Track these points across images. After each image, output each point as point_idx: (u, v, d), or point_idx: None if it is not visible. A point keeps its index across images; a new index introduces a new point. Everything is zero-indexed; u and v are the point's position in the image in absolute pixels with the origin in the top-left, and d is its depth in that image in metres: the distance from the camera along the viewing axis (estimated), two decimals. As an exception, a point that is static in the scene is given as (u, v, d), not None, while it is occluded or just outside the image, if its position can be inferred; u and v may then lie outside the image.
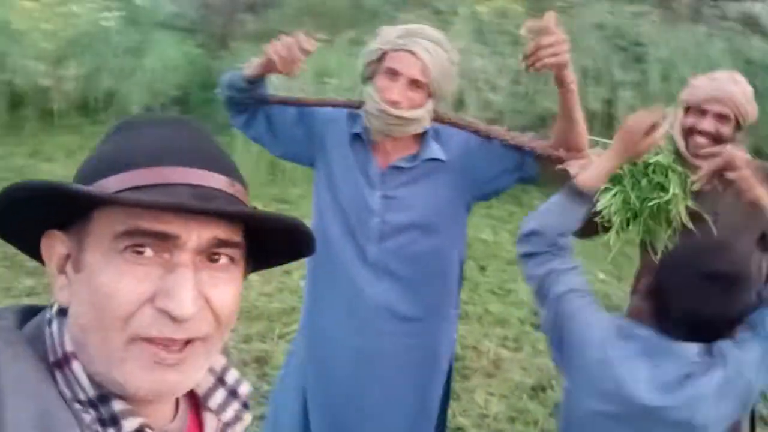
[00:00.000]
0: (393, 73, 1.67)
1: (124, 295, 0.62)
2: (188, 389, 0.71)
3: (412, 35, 1.67)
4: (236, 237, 0.68)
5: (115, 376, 0.64)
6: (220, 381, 0.78)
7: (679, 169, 1.94)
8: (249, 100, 1.81)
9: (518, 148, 1.74)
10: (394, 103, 1.66)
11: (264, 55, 1.67)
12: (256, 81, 1.76)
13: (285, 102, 1.87)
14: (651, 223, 1.95)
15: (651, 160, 1.92)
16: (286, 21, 7.20)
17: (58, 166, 5.75)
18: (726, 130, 1.95)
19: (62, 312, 0.68)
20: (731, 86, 1.96)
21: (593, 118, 5.56)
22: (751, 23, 6.42)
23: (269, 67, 1.68)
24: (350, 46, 6.06)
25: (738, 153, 1.71)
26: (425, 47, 1.65)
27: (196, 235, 0.64)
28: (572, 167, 1.64)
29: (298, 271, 3.98)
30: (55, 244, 0.69)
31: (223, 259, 0.68)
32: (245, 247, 0.71)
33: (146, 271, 0.63)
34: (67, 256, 0.68)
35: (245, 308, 3.64)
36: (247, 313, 3.64)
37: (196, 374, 0.68)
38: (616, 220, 1.94)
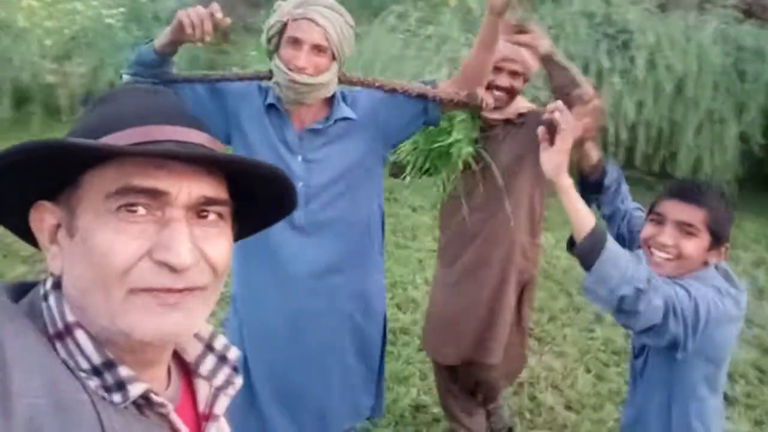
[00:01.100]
0: (296, 42, 1.73)
1: (121, 251, 0.64)
2: (191, 332, 0.73)
3: (309, 4, 1.74)
4: (223, 194, 0.71)
5: (121, 327, 0.65)
6: (209, 347, 0.80)
7: (463, 117, 2.18)
8: (155, 78, 1.78)
9: (421, 97, 1.86)
10: (301, 70, 1.73)
11: (175, 20, 1.66)
12: (165, 56, 1.74)
13: (192, 80, 1.87)
14: (438, 164, 2.25)
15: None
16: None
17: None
18: (518, 84, 2.23)
19: (57, 286, 0.69)
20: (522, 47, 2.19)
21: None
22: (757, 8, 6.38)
23: (178, 34, 1.66)
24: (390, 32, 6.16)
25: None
26: (322, 13, 1.72)
27: (186, 191, 0.67)
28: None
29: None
30: (44, 215, 0.70)
31: (212, 216, 0.70)
32: (231, 207, 0.74)
33: (141, 227, 0.65)
34: (58, 226, 0.69)
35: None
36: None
37: (196, 318, 0.70)
38: (411, 161, 2.25)
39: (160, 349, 0.72)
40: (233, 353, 0.80)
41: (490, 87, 2.19)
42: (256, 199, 0.77)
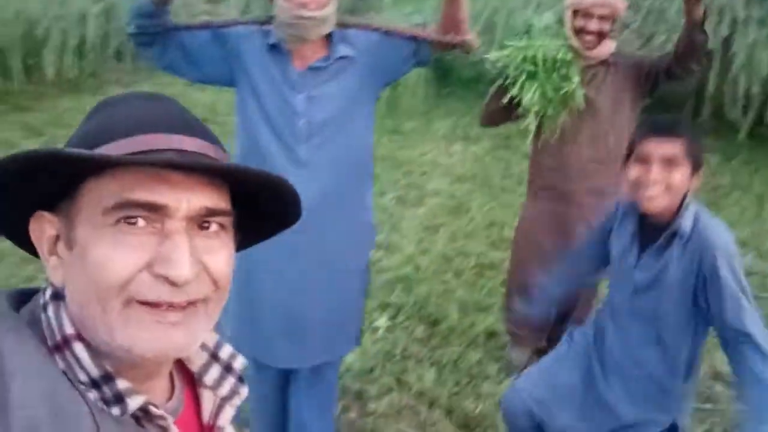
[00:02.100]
0: None
1: (119, 264, 0.63)
2: (192, 348, 0.71)
3: None
4: (224, 204, 0.69)
5: (120, 343, 0.64)
6: (214, 357, 0.79)
7: (577, 61, 2.41)
8: (158, 28, 1.86)
9: (413, 38, 2.00)
10: (305, 5, 1.81)
11: None
12: (163, 3, 1.83)
13: (194, 27, 1.95)
14: (560, 108, 2.46)
15: (559, 56, 2.37)
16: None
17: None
18: (607, 27, 2.44)
19: (56, 296, 0.68)
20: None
21: (710, 58, 5.39)
22: None
23: None
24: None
25: None
26: None
27: (185, 203, 0.65)
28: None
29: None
30: (44, 226, 0.69)
31: (214, 227, 0.68)
32: (234, 217, 0.72)
33: (140, 240, 0.64)
34: (57, 237, 0.68)
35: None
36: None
37: (199, 334, 0.69)
38: (535, 109, 2.46)
39: (160, 363, 0.71)
40: (239, 363, 0.80)
41: (581, 31, 2.44)
42: (260, 207, 0.75)
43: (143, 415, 0.67)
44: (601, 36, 2.48)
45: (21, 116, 6.39)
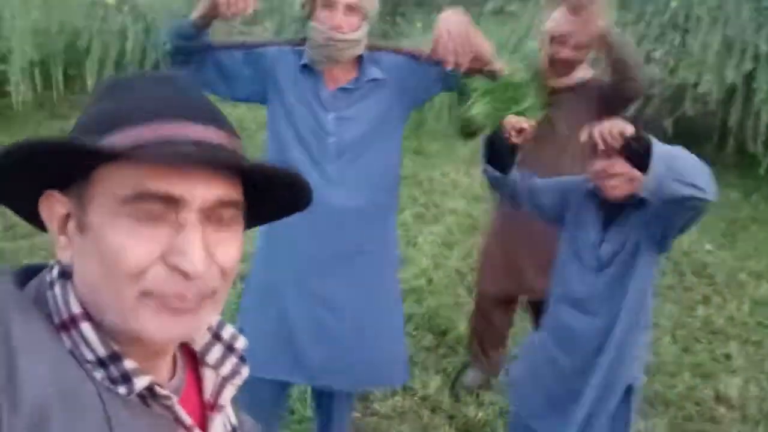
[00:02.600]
0: (330, 5, 1.90)
1: (134, 254, 0.63)
2: (199, 334, 0.75)
3: None
4: (237, 195, 0.70)
5: (131, 326, 0.65)
6: (216, 337, 0.80)
7: (536, 85, 2.32)
8: (196, 48, 1.91)
9: (440, 63, 2.01)
10: (338, 28, 1.89)
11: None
12: (203, 27, 1.88)
13: (230, 46, 2.01)
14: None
15: (513, 78, 2.27)
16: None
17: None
18: (580, 55, 2.44)
19: (63, 275, 0.69)
20: (585, 19, 2.30)
21: (733, 93, 5.44)
22: None
23: (214, 11, 1.81)
24: (494, 15, 6.39)
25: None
26: None
27: (201, 195, 0.65)
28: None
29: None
30: (55, 206, 0.69)
31: (225, 217, 0.69)
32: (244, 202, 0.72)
33: (155, 231, 0.64)
34: (67, 216, 0.68)
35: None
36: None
37: (207, 320, 0.71)
38: (485, 125, 2.35)
39: (167, 345, 0.73)
40: (240, 343, 0.80)
41: (553, 59, 2.45)
42: (270, 194, 0.75)
43: (148, 394, 0.68)
44: (573, 64, 2.48)
45: (59, 123, 6.65)
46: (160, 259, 0.64)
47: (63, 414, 0.59)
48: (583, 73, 2.54)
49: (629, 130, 1.71)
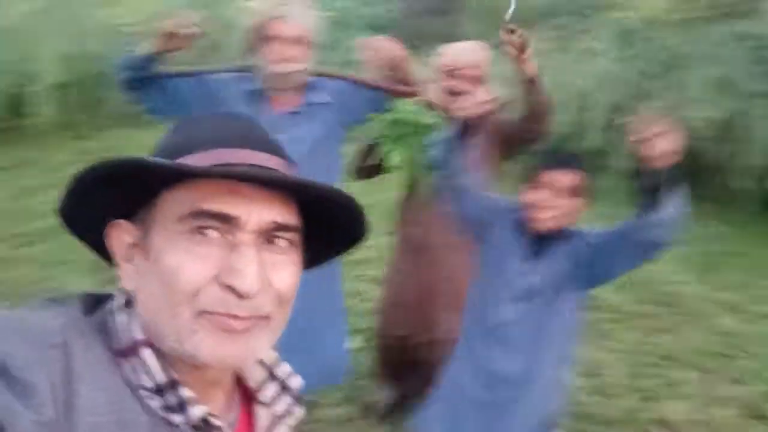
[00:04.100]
0: (277, 38, 2.08)
1: (190, 273, 0.65)
2: (252, 361, 0.74)
3: (283, 4, 2.09)
4: (293, 220, 0.71)
5: (186, 348, 0.66)
6: (272, 374, 0.80)
7: (425, 121, 2.42)
8: (145, 77, 2.08)
9: (375, 88, 2.26)
10: (286, 61, 2.09)
11: (158, 36, 2.02)
12: (153, 60, 2.07)
13: (178, 75, 2.18)
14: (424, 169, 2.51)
15: (425, 121, 2.41)
16: (470, 22, 7.94)
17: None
18: (477, 86, 2.45)
19: (128, 303, 0.70)
20: (478, 53, 2.50)
21: (725, 129, 5.53)
22: None
23: (161, 45, 2.03)
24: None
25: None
26: (296, 12, 2.10)
27: (256, 216, 0.67)
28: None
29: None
30: (121, 234, 0.71)
31: (282, 242, 0.70)
32: (302, 233, 0.73)
33: (210, 250, 0.66)
34: (133, 245, 0.71)
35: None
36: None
37: (260, 347, 0.71)
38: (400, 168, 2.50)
39: (222, 371, 0.73)
40: (295, 382, 0.81)
41: (451, 92, 2.48)
42: (328, 226, 0.76)
43: (203, 425, 0.69)
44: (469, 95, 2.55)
45: (79, 143, 7.05)
46: (215, 278, 0.66)
47: None
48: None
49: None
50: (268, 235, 0.69)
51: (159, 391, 0.67)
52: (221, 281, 0.66)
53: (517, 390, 2.00)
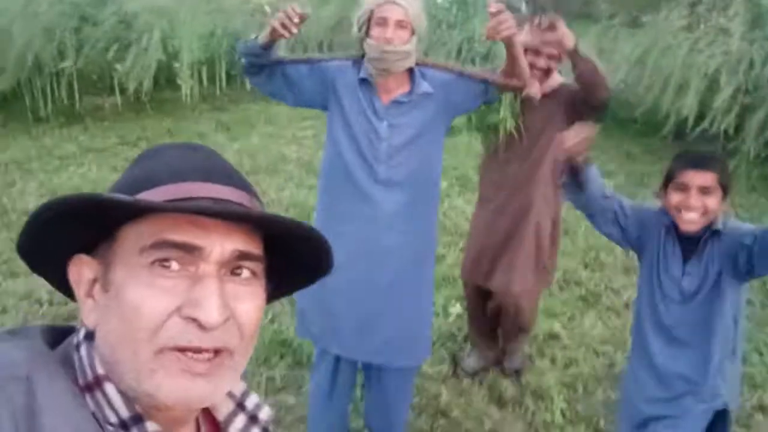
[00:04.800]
0: (383, 22, 2.15)
1: (151, 307, 0.64)
2: (216, 399, 0.72)
3: None
4: (256, 250, 0.70)
5: (146, 388, 0.65)
6: (240, 406, 0.79)
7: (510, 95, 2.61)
8: (266, 62, 2.19)
9: (483, 80, 2.29)
10: (390, 41, 2.13)
11: (269, 25, 2.09)
12: (268, 47, 2.16)
13: (297, 61, 2.29)
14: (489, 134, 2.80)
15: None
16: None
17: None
18: (553, 64, 2.68)
19: (89, 337, 0.69)
20: (559, 31, 2.53)
21: None
22: None
23: (273, 34, 2.10)
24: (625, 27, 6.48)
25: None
26: None
27: (219, 246, 0.66)
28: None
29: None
30: (83, 269, 0.70)
31: (246, 273, 0.69)
32: (266, 264, 0.73)
33: (173, 283, 0.65)
34: (94, 281, 0.70)
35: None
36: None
37: (224, 386, 0.69)
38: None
39: (187, 411, 0.72)
40: (264, 413, 0.80)
41: (530, 67, 2.60)
42: (292, 257, 0.76)
43: None
44: (548, 72, 2.72)
45: (217, 115, 7.62)
46: (177, 311, 0.65)
47: None
48: (554, 80, 2.78)
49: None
50: (232, 265, 0.68)
51: (124, 426, 0.66)
52: (184, 314, 0.65)
53: (690, 386, 2.08)
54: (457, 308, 3.78)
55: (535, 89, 2.67)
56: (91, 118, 7.26)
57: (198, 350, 0.65)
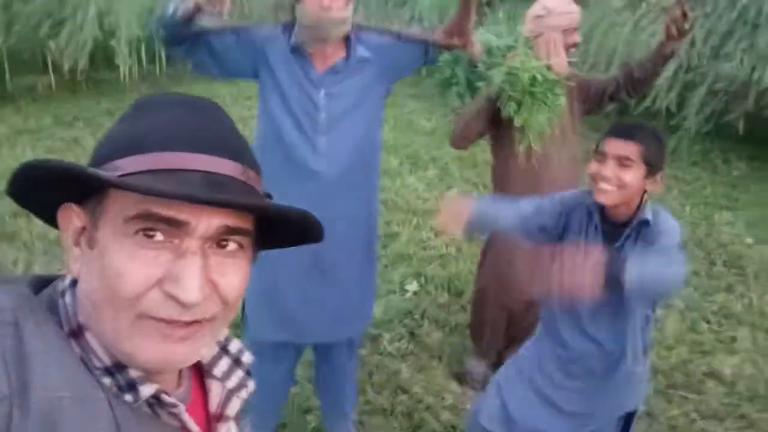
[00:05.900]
0: None
1: (133, 277, 0.63)
2: (194, 361, 0.72)
3: None
4: (246, 224, 0.69)
5: (124, 349, 0.65)
6: (224, 350, 0.81)
7: (552, 77, 2.51)
8: (186, 33, 2.02)
9: (423, 41, 2.20)
10: (328, 8, 2.00)
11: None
12: (189, 18, 1.98)
13: (221, 31, 2.10)
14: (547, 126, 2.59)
15: (550, 76, 2.48)
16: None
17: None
18: (571, 40, 2.66)
19: (74, 284, 0.70)
20: (571, 5, 2.57)
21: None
22: None
23: (198, 5, 1.94)
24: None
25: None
26: None
27: (206, 222, 0.65)
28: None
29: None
30: (72, 217, 0.69)
31: (232, 245, 0.68)
32: (254, 231, 0.71)
33: (156, 255, 0.64)
34: (83, 229, 0.69)
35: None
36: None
37: (202, 348, 0.70)
38: (532, 128, 2.58)
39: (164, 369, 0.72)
40: (247, 357, 0.82)
41: (567, 47, 2.63)
42: (282, 227, 0.75)
43: (156, 402, 0.69)
44: (571, 47, 2.66)
45: (158, 95, 7.37)
46: (158, 284, 0.64)
47: (74, 419, 0.60)
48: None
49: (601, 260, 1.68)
50: (218, 238, 0.67)
51: (108, 371, 0.67)
52: (164, 289, 0.64)
53: (596, 379, 2.01)
54: (413, 285, 3.77)
55: (562, 64, 2.58)
56: (23, 99, 6.97)
57: (177, 322, 0.66)
